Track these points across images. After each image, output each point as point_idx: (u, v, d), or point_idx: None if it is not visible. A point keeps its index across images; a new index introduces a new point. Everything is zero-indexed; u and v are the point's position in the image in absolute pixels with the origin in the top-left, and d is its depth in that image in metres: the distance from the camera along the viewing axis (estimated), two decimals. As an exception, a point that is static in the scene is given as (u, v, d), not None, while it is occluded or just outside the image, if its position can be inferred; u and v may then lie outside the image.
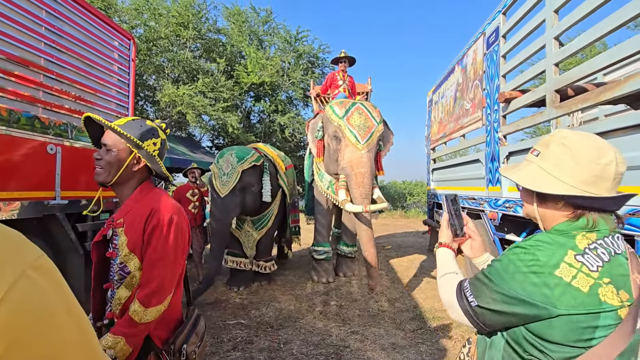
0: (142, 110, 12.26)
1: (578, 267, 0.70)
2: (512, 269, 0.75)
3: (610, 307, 0.68)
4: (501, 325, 0.79)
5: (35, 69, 2.79)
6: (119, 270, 1.10)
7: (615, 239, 0.76)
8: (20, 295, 0.33)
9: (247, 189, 4.03)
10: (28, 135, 2.71)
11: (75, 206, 3.20)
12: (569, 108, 2.37)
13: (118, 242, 1.11)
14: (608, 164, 0.73)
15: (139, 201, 1.14)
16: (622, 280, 0.70)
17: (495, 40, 3.52)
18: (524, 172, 0.84)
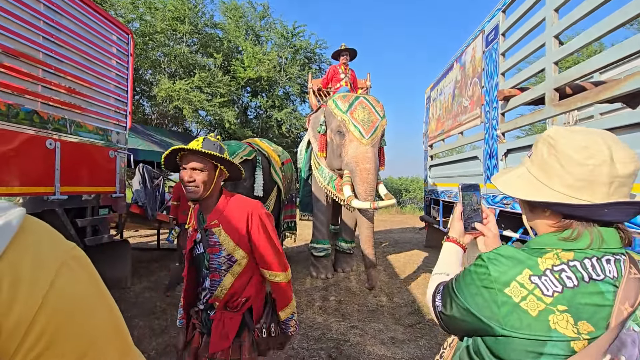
0: (139, 105, 12.16)
1: (530, 289, 0.64)
2: (468, 280, 0.73)
3: (560, 337, 0.61)
4: (461, 332, 0.77)
5: (34, 63, 2.76)
6: (226, 260, 1.33)
7: (603, 261, 0.65)
8: (64, 283, 0.36)
9: (239, 184, 3.97)
10: (27, 129, 2.69)
11: (74, 201, 3.19)
12: (568, 106, 2.41)
13: (219, 239, 1.32)
14: (599, 164, 0.63)
15: (227, 205, 1.36)
16: (588, 311, 0.62)
17: (494, 38, 3.54)
18: (509, 175, 0.79)
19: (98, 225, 3.56)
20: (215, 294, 1.34)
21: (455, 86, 4.92)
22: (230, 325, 1.33)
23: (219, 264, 1.34)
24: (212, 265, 1.35)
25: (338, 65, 5.44)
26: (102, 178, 3.63)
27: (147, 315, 3.37)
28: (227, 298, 1.34)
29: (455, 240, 0.93)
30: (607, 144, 0.64)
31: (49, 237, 0.38)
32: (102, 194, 3.60)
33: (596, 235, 0.66)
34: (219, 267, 1.34)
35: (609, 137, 0.66)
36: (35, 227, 0.38)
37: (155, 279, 4.64)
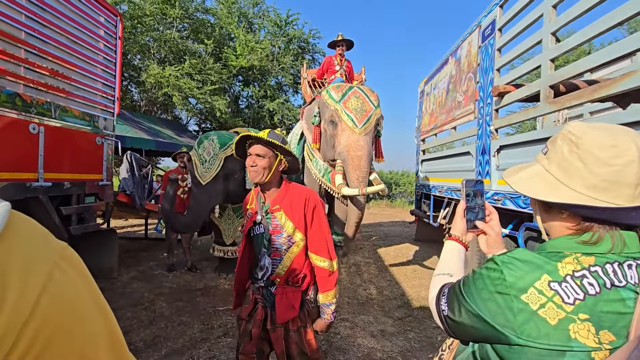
0: (127, 90, 11.83)
1: (549, 296, 0.60)
2: (480, 284, 0.68)
3: (581, 347, 0.58)
4: (469, 339, 0.74)
5: (16, 42, 2.63)
6: (287, 241, 1.48)
7: (625, 266, 0.61)
8: (56, 286, 0.33)
9: (230, 176, 3.87)
10: (8, 113, 2.57)
11: (58, 189, 3.09)
12: (563, 104, 2.42)
13: (280, 222, 1.48)
14: (627, 164, 0.59)
15: (287, 191, 1.51)
16: (610, 319, 0.58)
17: (491, 34, 3.53)
18: (523, 173, 0.74)
19: (84, 214, 3.47)
20: (277, 272, 1.49)
21: (450, 81, 4.91)
22: (294, 298, 1.49)
23: (280, 244, 1.48)
24: (274, 245, 1.49)
25: (334, 56, 5.35)
26: (88, 165, 3.53)
27: (134, 306, 3.32)
28: (287, 275, 1.50)
29: (457, 239, 0.90)
30: (636, 142, 0.60)
31: (38, 237, 0.35)
32: (88, 181, 3.49)
33: (618, 239, 0.62)
34: (279, 247, 1.49)
35: (637, 135, 0.61)
36: (22, 225, 0.35)
37: (143, 269, 4.57)
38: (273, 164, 1.45)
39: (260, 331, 1.50)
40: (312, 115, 4.41)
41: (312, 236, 1.49)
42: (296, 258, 1.49)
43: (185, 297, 3.63)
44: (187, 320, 3.06)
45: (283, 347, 1.49)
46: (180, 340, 2.71)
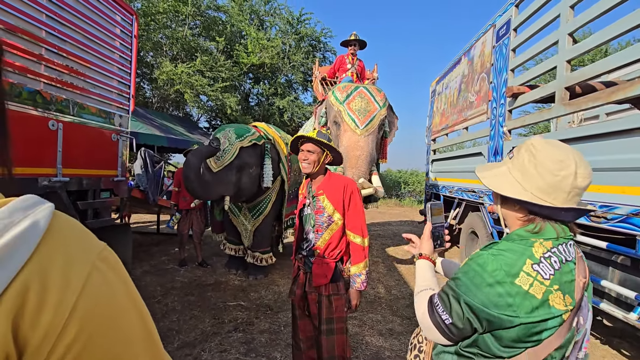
0: (140, 87, 12.00)
1: (534, 276, 0.75)
2: (478, 280, 0.79)
3: (557, 312, 0.75)
4: (471, 333, 0.83)
5: (37, 41, 2.70)
6: (327, 219, 1.79)
7: (568, 246, 0.81)
8: (95, 288, 0.33)
9: (245, 169, 3.72)
10: (30, 110, 2.65)
11: (76, 184, 3.17)
12: (579, 106, 2.39)
13: (323, 204, 1.80)
14: (566, 177, 0.77)
15: (329, 179, 1.83)
16: (568, 286, 0.77)
17: (505, 33, 3.49)
18: (492, 172, 0.90)
19: (99, 209, 3.55)
20: (317, 244, 1.81)
21: (462, 80, 4.87)
22: (327, 268, 1.80)
23: (322, 222, 1.80)
24: (317, 222, 1.81)
25: (346, 55, 5.32)
26: (104, 161, 3.61)
27: (148, 299, 3.40)
28: (325, 247, 1.80)
29: (427, 258, 1.05)
30: (575, 160, 0.79)
31: (78, 237, 0.36)
32: (104, 177, 3.57)
33: (559, 227, 0.81)
34: (321, 225, 1.80)
35: (577, 155, 0.81)
36: (64, 225, 0.36)
37: (155, 263, 4.66)
38: (320, 158, 1.80)
39: (302, 292, 1.86)
40: (320, 116, 4.41)
41: (349, 217, 1.79)
42: (334, 234, 1.80)
43: (196, 291, 3.70)
44: (198, 315, 3.12)
45: (316, 309, 1.81)
46: (192, 334, 2.77)
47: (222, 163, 3.52)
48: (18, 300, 0.29)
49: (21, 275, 0.30)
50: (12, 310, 0.29)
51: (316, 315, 1.82)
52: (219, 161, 3.52)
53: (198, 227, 4.62)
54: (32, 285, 0.30)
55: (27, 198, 0.34)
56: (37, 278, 0.31)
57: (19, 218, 0.32)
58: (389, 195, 17.91)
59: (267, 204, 4.24)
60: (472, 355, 0.83)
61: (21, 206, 0.33)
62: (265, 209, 4.23)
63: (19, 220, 0.32)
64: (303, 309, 1.90)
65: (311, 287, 1.81)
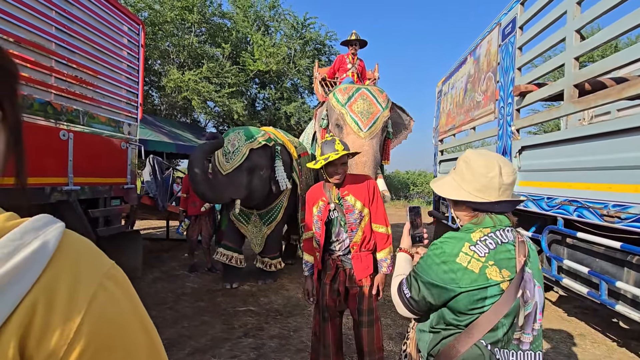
0: (148, 95, 12.18)
1: (471, 255, 0.96)
2: (429, 261, 1.02)
3: (494, 282, 0.94)
4: (427, 310, 1.06)
5: (47, 53, 2.76)
6: (359, 216, 1.91)
7: (505, 232, 1.01)
8: (100, 306, 0.34)
9: (255, 171, 3.62)
10: (41, 121, 2.71)
11: (87, 192, 3.22)
12: (588, 103, 2.34)
13: (351, 203, 1.91)
14: (494, 177, 0.99)
15: (351, 180, 1.96)
16: (505, 262, 0.96)
17: (511, 32, 3.45)
18: (441, 181, 1.12)
19: (110, 216, 3.60)
20: (354, 241, 1.92)
21: (468, 80, 4.83)
22: (368, 261, 1.94)
23: (354, 219, 1.91)
24: (349, 221, 1.92)
25: (346, 55, 5.27)
26: (113, 169, 3.66)
27: (159, 305, 3.43)
28: (361, 242, 1.93)
29: (406, 251, 1.27)
30: (499, 163, 1.01)
31: (87, 255, 0.37)
32: (114, 185, 3.63)
33: (495, 218, 1.02)
34: (354, 222, 1.92)
35: (501, 159, 1.03)
36: (73, 244, 0.37)
37: (166, 269, 4.70)
38: (347, 168, 1.95)
39: (344, 289, 1.95)
40: (321, 118, 4.38)
41: (373, 210, 1.94)
42: (366, 227, 1.94)
43: (206, 297, 3.72)
44: (208, 320, 3.13)
45: (356, 303, 1.93)
46: (202, 340, 2.78)
47: (233, 165, 3.49)
48: (25, 320, 0.30)
49: (29, 295, 0.31)
50: (19, 330, 0.30)
51: (355, 310, 1.94)
52: (229, 163, 3.48)
53: (207, 233, 4.66)
54: (39, 305, 0.31)
55: (40, 218, 0.35)
56: (44, 298, 0.31)
57: (30, 239, 0.33)
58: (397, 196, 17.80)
59: (279, 210, 4.15)
60: (440, 329, 1.03)
61: (32, 227, 0.34)
62: (278, 215, 4.14)
63: (29, 241, 0.33)
64: (334, 309, 1.99)
65: (352, 283, 1.94)
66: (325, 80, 5.70)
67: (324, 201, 1.96)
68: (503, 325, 0.94)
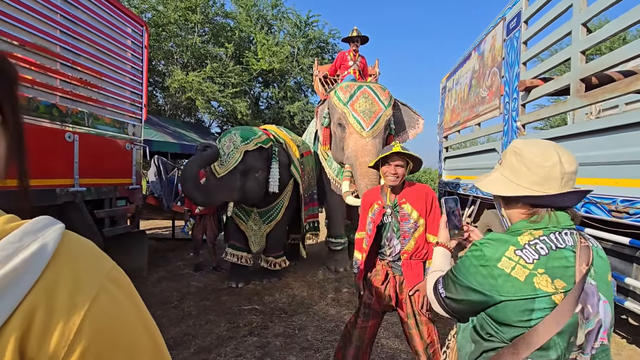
0: (152, 96, 12.26)
1: (516, 260, 0.84)
2: (467, 263, 0.91)
3: (543, 293, 0.81)
4: (464, 312, 0.95)
5: (52, 56, 2.78)
6: (413, 225, 1.90)
7: (563, 235, 0.87)
8: (102, 308, 0.34)
9: (250, 173, 3.58)
10: (47, 123, 2.73)
11: (92, 193, 3.25)
12: (595, 98, 2.31)
13: (408, 212, 1.90)
14: (553, 165, 0.86)
15: (409, 188, 1.95)
16: (559, 271, 0.82)
17: (516, 26, 3.40)
18: (488, 178, 0.99)
19: (116, 217, 3.63)
20: (405, 248, 1.92)
21: (473, 76, 4.78)
22: (418, 269, 1.91)
23: (408, 228, 1.91)
24: (403, 229, 1.92)
25: (347, 52, 5.21)
26: (119, 170, 3.69)
27: (164, 304, 3.45)
28: (413, 251, 1.92)
29: (444, 245, 1.16)
30: (556, 150, 0.89)
31: (87, 257, 0.37)
32: (119, 185, 3.66)
33: (552, 217, 0.88)
34: (408, 230, 1.91)
35: (556, 146, 0.91)
36: (73, 246, 0.36)
37: (171, 268, 4.73)
38: (406, 170, 1.92)
39: (395, 294, 1.94)
40: (322, 117, 4.34)
41: (430, 221, 1.91)
42: (420, 237, 1.93)
43: (211, 296, 3.74)
44: (213, 319, 3.15)
45: (406, 309, 1.92)
46: (207, 339, 2.79)
47: (227, 168, 3.43)
48: (25, 323, 0.30)
49: (28, 297, 0.31)
50: (18, 332, 0.30)
51: (405, 315, 1.94)
52: (223, 166, 3.45)
53: (211, 232, 4.68)
54: (39, 307, 0.31)
55: (39, 220, 0.35)
56: (44, 300, 0.31)
57: (28, 241, 0.33)
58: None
59: (279, 209, 4.12)
60: (481, 339, 0.92)
61: (32, 229, 0.34)
62: (278, 214, 4.12)
63: (28, 243, 0.32)
64: (379, 312, 1.99)
65: (402, 289, 1.94)
66: (326, 78, 5.66)
67: (379, 205, 1.97)
68: (556, 344, 0.80)
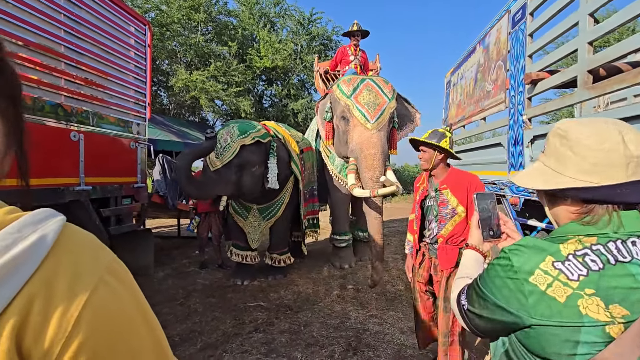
0: (156, 95, 12.31)
1: (554, 275, 0.63)
2: (492, 273, 0.73)
3: (593, 322, 0.59)
4: (490, 331, 0.76)
5: (56, 56, 2.80)
6: (451, 211, 2.00)
7: (627, 244, 0.63)
8: (101, 300, 0.33)
9: (246, 168, 3.51)
10: (52, 122, 2.75)
11: (98, 192, 3.28)
12: (603, 89, 2.26)
13: (447, 198, 2.01)
14: (613, 148, 0.64)
15: (453, 175, 2.04)
16: (619, 293, 0.60)
17: (521, 18, 3.35)
18: (526, 171, 0.81)
19: (122, 215, 3.66)
20: (441, 232, 2.02)
21: (478, 70, 4.73)
22: (452, 254, 2.00)
23: (445, 213, 2.01)
24: (441, 214, 2.02)
25: (348, 46, 5.14)
26: (124, 169, 3.71)
27: (170, 302, 3.48)
28: (449, 236, 2.01)
29: (475, 248, 0.95)
30: (617, 128, 0.66)
31: (87, 249, 0.36)
32: (125, 184, 3.68)
33: (614, 218, 0.66)
34: (445, 216, 2.01)
35: (617, 122, 0.69)
36: (73, 237, 0.36)
37: (176, 266, 4.77)
38: (432, 156, 2.02)
39: (428, 275, 2.10)
40: (324, 111, 4.31)
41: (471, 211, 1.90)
42: (458, 225, 1.99)
43: (217, 293, 3.76)
44: (219, 316, 3.17)
45: (439, 292, 2.03)
46: (213, 335, 2.81)
47: (222, 161, 3.38)
48: (22, 314, 0.30)
49: (26, 289, 0.31)
50: (16, 324, 0.29)
51: (441, 298, 2.03)
52: (219, 159, 3.39)
53: (217, 230, 4.70)
54: (37, 299, 0.31)
55: (40, 212, 0.35)
56: (42, 292, 0.31)
57: (28, 232, 0.32)
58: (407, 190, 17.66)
59: (279, 206, 4.09)
60: None
61: (32, 220, 0.34)
62: (278, 211, 4.09)
63: (27, 234, 0.32)
64: (424, 291, 2.17)
65: (436, 271, 2.05)
66: (327, 74, 5.61)
67: (424, 188, 2.15)
68: None
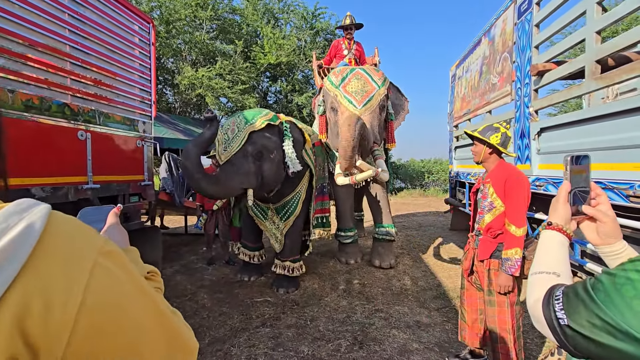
0: (162, 93, 12.39)
1: None
2: (631, 292, 0.52)
3: None
4: (596, 356, 0.57)
5: (62, 56, 2.83)
6: (489, 204, 2.06)
7: None
8: (100, 282, 0.34)
9: (264, 155, 3.14)
10: (60, 122, 2.79)
11: (106, 190, 3.32)
12: (612, 79, 2.22)
13: (487, 191, 2.08)
14: None
15: (497, 169, 2.08)
16: None
17: (527, 9, 3.30)
18: None
19: (130, 213, 3.70)
20: (480, 224, 2.12)
21: (483, 62, 4.67)
22: (489, 246, 2.06)
23: (484, 206, 2.10)
24: (481, 206, 2.13)
25: (341, 40, 5.07)
26: (131, 167, 3.75)
27: (178, 297, 3.53)
28: (486, 229, 2.08)
29: (560, 229, 0.72)
30: None
31: (77, 234, 0.36)
32: (132, 182, 3.72)
33: None
34: (484, 208, 2.10)
35: None
36: (62, 224, 0.36)
37: (184, 262, 4.82)
38: (482, 150, 2.10)
39: (470, 264, 2.17)
40: (317, 105, 4.26)
41: (506, 206, 1.99)
42: (496, 218, 2.03)
43: (224, 289, 3.80)
44: (227, 311, 3.20)
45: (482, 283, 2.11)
46: (221, 330, 2.84)
47: (230, 152, 3.05)
48: (21, 302, 0.30)
49: (21, 277, 0.31)
50: (15, 313, 0.30)
51: (482, 288, 2.12)
52: (226, 151, 3.08)
53: (223, 227, 4.73)
54: (35, 287, 0.31)
55: (21, 202, 0.35)
56: (39, 280, 0.31)
57: (14, 222, 0.32)
58: (413, 186, 17.58)
59: (297, 202, 3.74)
60: None
61: (15, 210, 0.33)
62: (296, 208, 3.74)
63: (14, 223, 0.32)
64: (471, 281, 2.22)
65: (476, 262, 2.13)
66: (322, 68, 5.56)
67: (478, 179, 2.27)
68: None
